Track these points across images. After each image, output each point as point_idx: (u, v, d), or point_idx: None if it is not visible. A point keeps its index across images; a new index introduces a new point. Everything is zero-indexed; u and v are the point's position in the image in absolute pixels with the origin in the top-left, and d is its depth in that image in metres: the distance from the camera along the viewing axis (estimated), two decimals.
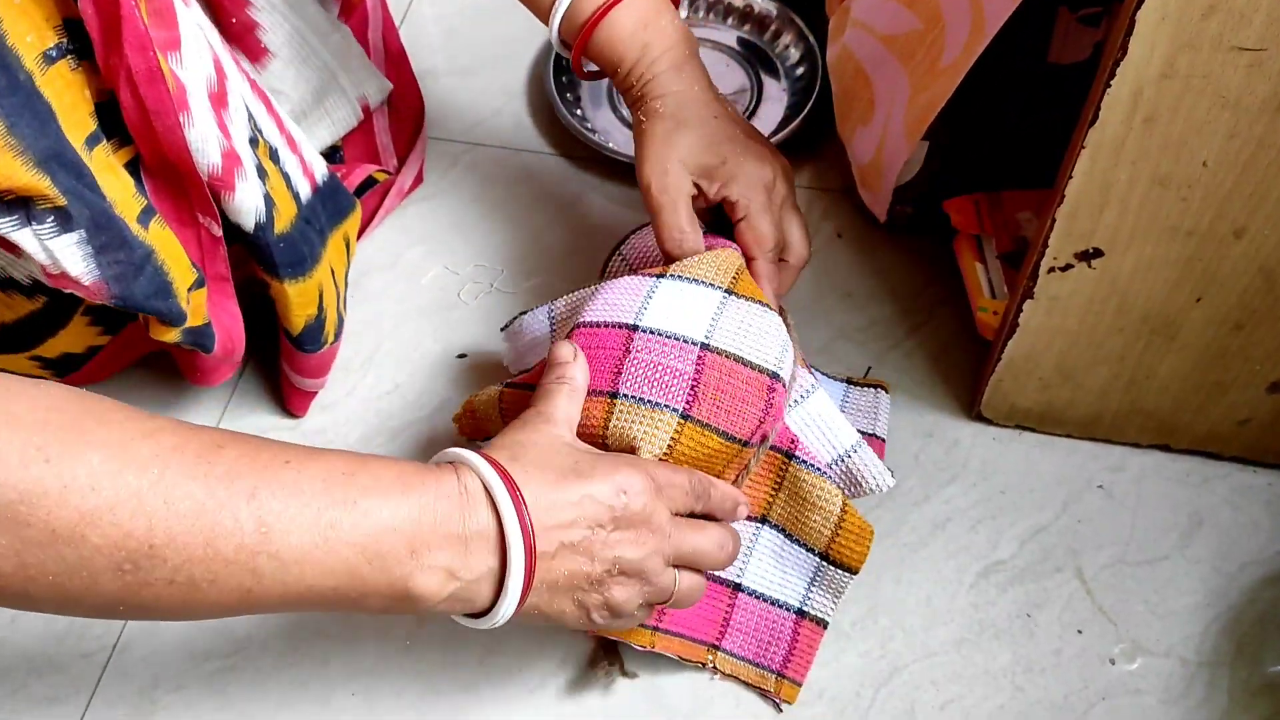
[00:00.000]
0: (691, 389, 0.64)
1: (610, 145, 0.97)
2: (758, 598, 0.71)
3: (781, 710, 0.71)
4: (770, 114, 1.00)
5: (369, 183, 0.90)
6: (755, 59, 1.04)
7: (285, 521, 0.50)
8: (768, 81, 1.02)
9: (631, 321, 0.66)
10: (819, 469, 0.68)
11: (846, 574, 0.70)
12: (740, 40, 1.05)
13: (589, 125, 1.00)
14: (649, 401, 0.63)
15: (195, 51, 0.62)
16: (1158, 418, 0.77)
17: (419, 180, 0.97)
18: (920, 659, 0.73)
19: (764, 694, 0.72)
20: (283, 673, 0.73)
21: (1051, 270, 0.68)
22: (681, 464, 0.63)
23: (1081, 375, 0.75)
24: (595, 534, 0.56)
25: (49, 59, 0.55)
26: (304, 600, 0.52)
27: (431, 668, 0.73)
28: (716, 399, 0.64)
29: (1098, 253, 0.66)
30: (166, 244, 0.60)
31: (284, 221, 0.70)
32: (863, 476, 0.69)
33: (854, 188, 0.90)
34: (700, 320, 0.66)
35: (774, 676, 0.71)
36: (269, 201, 0.68)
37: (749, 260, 0.72)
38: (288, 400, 0.84)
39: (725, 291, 0.68)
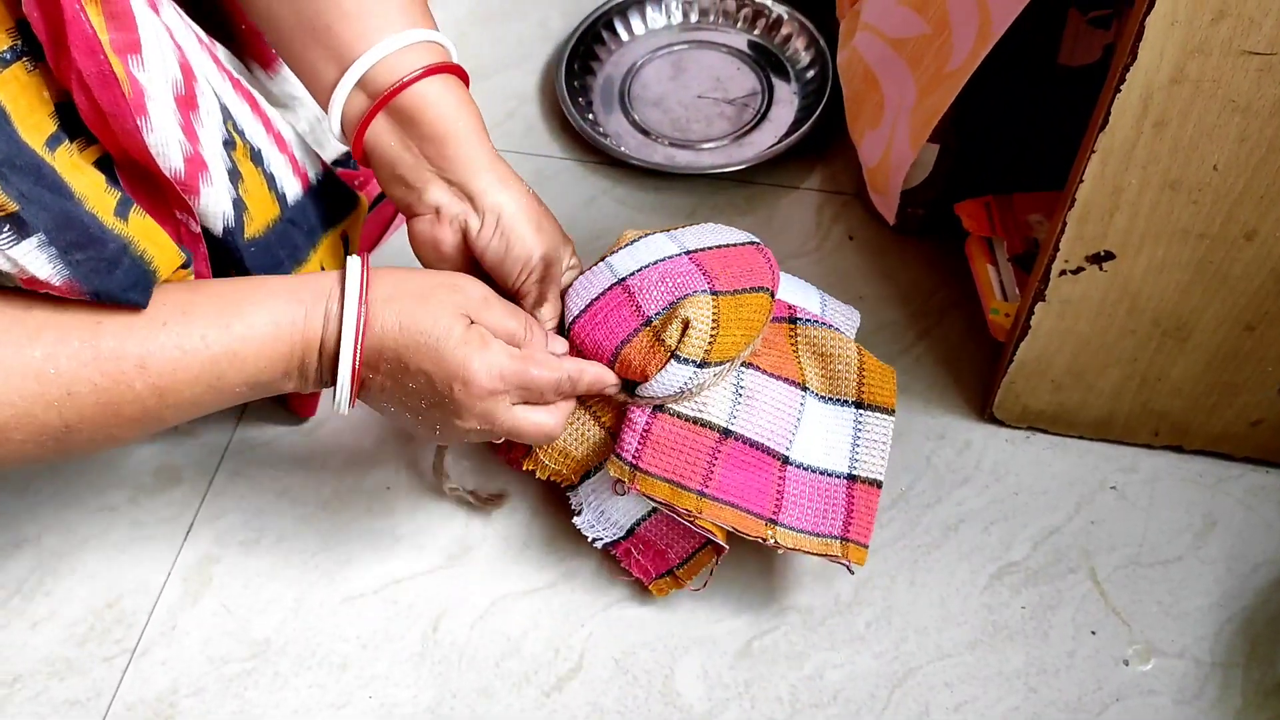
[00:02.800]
0: (705, 276, 0.68)
1: (622, 149, 0.98)
2: (807, 469, 0.72)
3: (853, 573, 0.72)
4: (781, 117, 1.00)
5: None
6: (766, 62, 1.04)
7: (177, 382, 0.59)
8: (779, 84, 1.02)
9: (615, 280, 0.70)
10: (823, 323, 0.72)
11: (883, 416, 0.73)
12: (751, 44, 1.05)
13: (601, 129, 1.00)
14: (678, 299, 0.67)
15: (158, 54, 0.61)
16: (1170, 419, 0.77)
17: (398, 202, 0.97)
18: (934, 660, 0.73)
19: (831, 559, 0.71)
20: (300, 676, 0.74)
21: (1063, 273, 0.68)
22: (733, 331, 0.67)
23: (1093, 377, 0.75)
24: (421, 403, 0.64)
25: (3, 62, 0.54)
26: (205, 414, 0.64)
27: (448, 670, 0.74)
28: (727, 272, 0.69)
29: (1109, 255, 0.66)
30: (148, 232, 0.59)
31: (257, 225, 0.70)
32: (845, 314, 0.77)
33: (865, 190, 0.90)
34: (666, 245, 0.71)
35: (838, 541, 0.71)
36: (239, 206, 0.68)
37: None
38: (292, 401, 0.84)
39: (664, 232, 0.73)
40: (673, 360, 0.66)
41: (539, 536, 0.79)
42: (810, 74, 1.02)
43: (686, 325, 0.66)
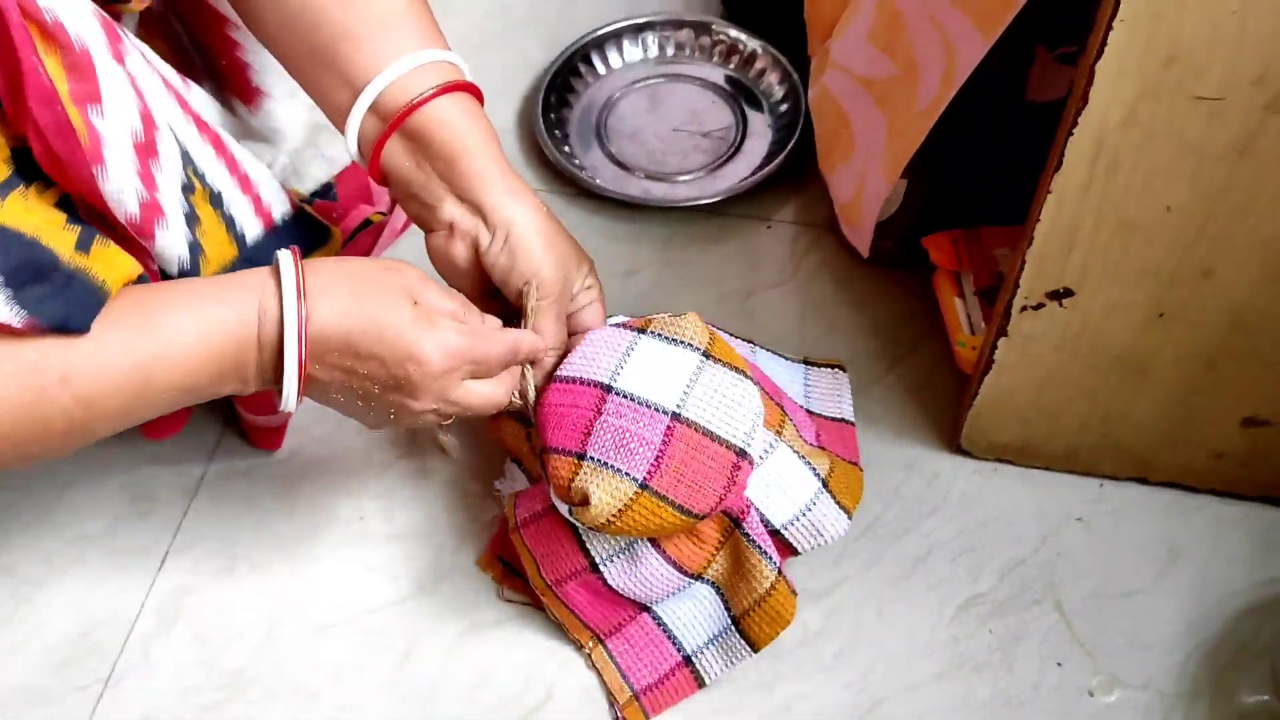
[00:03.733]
0: (655, 460, 0.65)
1: (598, 181, 0.99)
2: (659, 625, 0.73)
3: None
4: (755, 149, 1.01)
5: (365, 224, 0.91)
6: (741, 95, 1.05)
7: (103, 392, 0.58)
8: (753, 117, 1.04)
9: (606, 381, 0.68)
10: (759, 544, 0.69)
11: (747, 648, 0.72)
12: (727, 78, 1.07)
13: (577, 162, 1.01)
14: (612, 467, 0.65)
15: (118, 102, 0.61)
16: (1134, 452, 0.78)
17: (415, 217, 0.98)
18: (901, 691, 0.73)
19: (611, 702, 0.73)
20: (272, 706, 0.74)
21: (1024, 309, 0.69)
22: (632, 527, 0.66)
23: (1057, 411, 0.76)
24: (375, 388, 0.63)
25: None
26: (138, 423, 0.63)
27: (419, 701, 0.74)
28: (679, 473, 0.66)
29: (1068, 292, 0.67)
30: (110, 258, 0.60)
31: (213, 267, 0.70)
32: (822, 527, 0.71)
33: (837, 222, 0.91)
34: (675, 386, 0.68)
35: (630, 694, 0.73)
36: (195, 249, 0.68)
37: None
38: (253, 437, 0.85)
39: (703, 355, 0.69)
40: (567, 509, 0.67)
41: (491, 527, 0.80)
42: (784, 107, 1.03)
43: (586, 500, 0.65)
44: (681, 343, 0.69)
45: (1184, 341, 0.69)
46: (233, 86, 0.85)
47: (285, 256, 0.62)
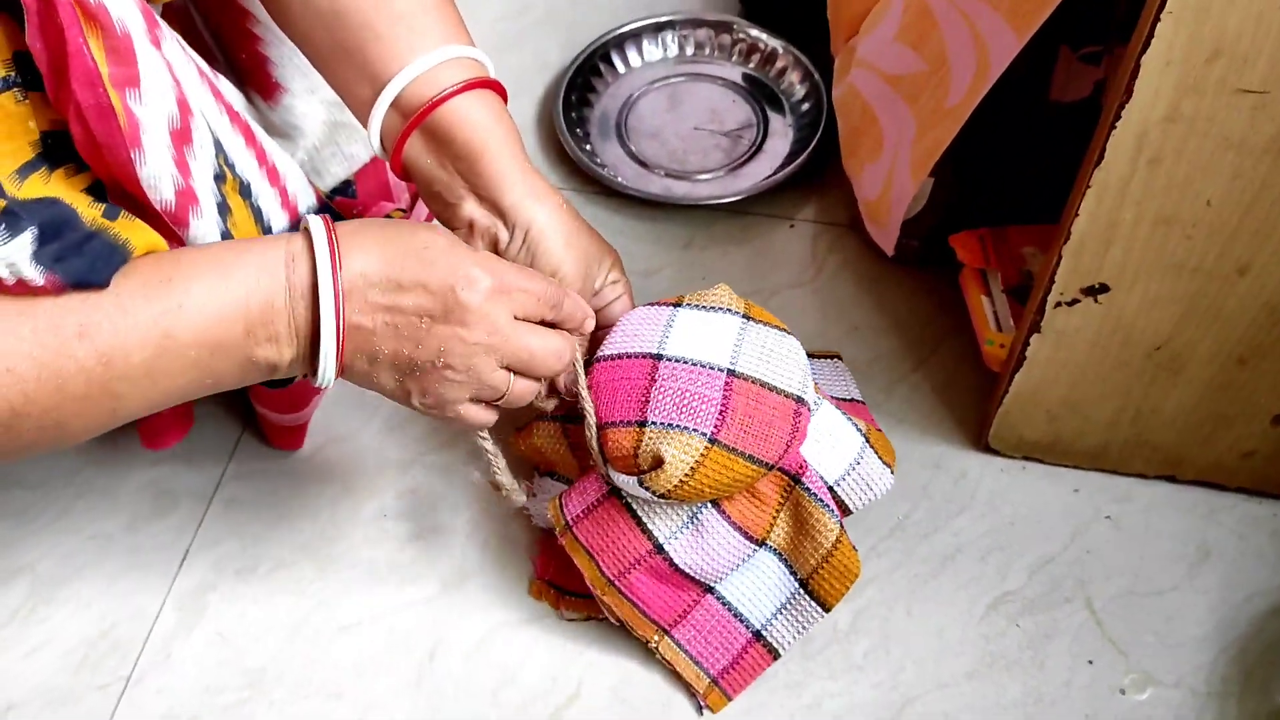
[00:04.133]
0: (720, 414, 0.65)
1: (619, 179, 0.98)
2: (724, 605, 0.72)
3: (702, 715, 0.72)
4: (776, 149, 1.01)
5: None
6: (761, 95, 1.05)
7: (121, 346, 0.55)
8: (773, 116, 1.04)
9: (655, 351, 0.68)
10: (820, 498, 0.69)
11: (818, 608, 0.71)
12: (746, 76, 1.07)
13: (598, 159, 1.01)
14: (678, 426, 0.65)
15: (156, 88, 0.60)
16: (1164, 450, 0.78)
17: (431, 216, 0.98)
18: (932, 690, 0.73)
19: (691, 693, 0.72)
20: (295, 705, 0.73)
21: (1058, 305, 0.69)
22: (705, 486, 0.65)
23: (1088, 408, 0.76)
24: (422, 322, 0.59)
25: None
26: (169, 400, 0.58)
27: (444, 700, 0.73)
28: (745, 424, 0.65)
29: (1104, 288, 0.67)
30: (136, 228, 0.58)
31: None
32: (871, 481, 0.71)
33: (860, 221, 0.91)
34: (723, 347, 0.68)
35: (708, 680, 0.72)
36: (227, 238, 0.67)
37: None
38: (273, 438, 0.84)
39: (743, 316, 0.70)
40: (635, 479, 0.66)
41: (531, 552, 0.79)
42: (805, 106, 1.03)
43: (660, 462, 0.64)
44: (719, 309, 0.70)
45: (1218, 338, 0.69)
46: (252, 80, 0.84)
47: (314, 217, 0.61)
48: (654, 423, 0.65)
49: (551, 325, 0.66)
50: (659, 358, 0.67)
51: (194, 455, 0.84)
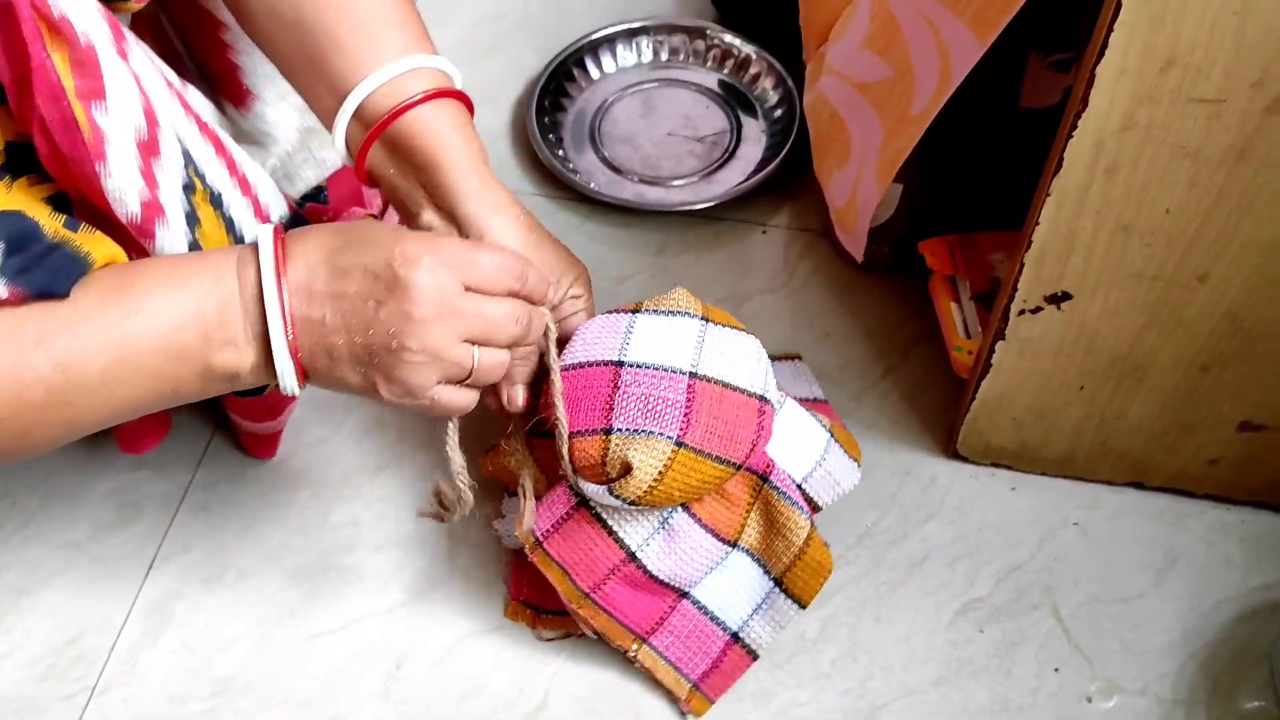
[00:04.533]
0: (685, 417, 0.65)
1: (592, 185, 0.98)
2: (700, 609, 0.72)
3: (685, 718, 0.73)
4: (749, 154, 1.01)
5: None
6: (735, 101, 1.05)
7: (78, 354, 0.55)
8: (747, 122, 1.04)
9: (616, 358, 0.67)
10: (789, 496, 0.69)
11: (794, 605, 0.71)
12: (720, 83, 1.07)
13: (571, 166, 1.01)
14: (643, 431, 0.65)
15: (122, 100, 0.60)
16: (1130, 457, 0.78)
17: (403, 222, 0.98)
18: (900, 698, 0.73)
19: (673, 700, 0.72)
20: (263, 714, 0.73)
21: (1022, 312, 0.69)
22: (675, 489, 0.65)
23: (1054, 415, 0.76)
24: (368, 304, 0.58)
25: None
26: (128, 411, 0.59)
27: (411, 709, 0.73)
28: (710, 425, 0.65)
29: (1066, 296, 0.67)
30: (98, 241, 0.58)
31: None
32: (838, 477, 0.71)
33: (832, 227, 0.91)
34: (684, 350, 0.68)
35: (689, 686, 0.72)
36: (195, 249, 0.67)
37: None
38: (248, 445, 0.84)
39: (701, 319, 0.70)
40: (605, 488, 0.66)
41: (504, 574, 0.79)
42: (778, 113, 1.03)
43: (629, 469, 0.64)
44: (677, 313, 0.70)
45: (1180, 345, 0.69)
46: (224, 89, 0.84)
47: (263, 226, 0.60)
48: (619, 429, 0.65)
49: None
50: (620, 364, 0.67)
51: (161, 462, 0.84)
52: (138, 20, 0.78)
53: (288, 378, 0.59)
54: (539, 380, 0.70)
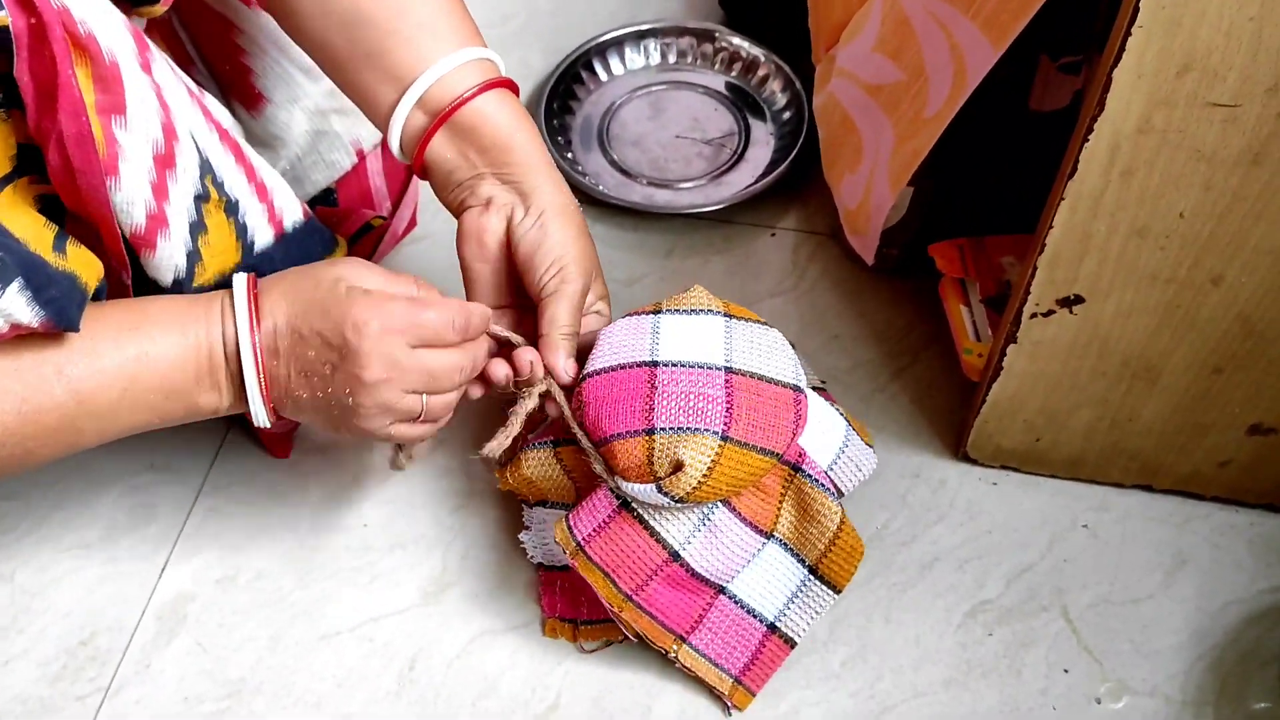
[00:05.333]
0: (727, 411, 0.66)
1: (601, 188, 0.99)
2: (737, 603, 0.73)
3: (730, 715, 0.73)
4: (758, 157, 1.01)
5: (365, 228, 0.91)
6: (743, 103, 1.06)
7: (95, 386, 0.61)
8: (755, 125, 1.04)
9: (649, 359, 0.68)
10: (821, 483, 0.70)
11: (830, 591, 0.72)
12: (729, 85, 1.07)
13: (580, 168, 1.01)
14: (689, 429, 0.66)
15: (142, 114, 0.62)
16: (1140, 459, 0.78)
17: (413, 224, 0.98)
18: (909, 699, 0.73)
19: (716, 695, 0.73)
20: (276, 715, 0.73)
21: (1034, 316, 0.69)
22: (722, 483, 0.66)
23: (1065, 417, 0.76)
24: (325, 367, 0.64)
25: None
26: (121, 435, 0.65)
27: (424, 710, 0.73)
28: (751, 418, 0.67)
29: (1079, 299, 0.68)
30: (83, 261, 0.61)
31: (209, 275, 0.70)
32: (859, 463, 0.73)
33: (840, 230, 0.92)
34: (715, 346, 0.69)
35: (731, 681, 0.72)
36: (193, 258, 0.68)
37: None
38: (265, 442, 0.84)
39: (724, 315, 0.71)
40: (653, 486, 0.66)
41: (517, 575, 0.79)
42: (786, 115, 1.03)
43: (679, 466, 0.65)
44: (699, 311, 0.71)
45: (1192, 348, 0.69)
46: (235, 91, 0.85)
47: (239, 278, 0.66)
48: (663, 429, 0.66)
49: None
50: (655, 364, 0.68)
51: (174, 464, 0.84)
52: (151, 25, 0.78)
53: (260, 417, 0.66)
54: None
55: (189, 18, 0.81)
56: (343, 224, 0.91)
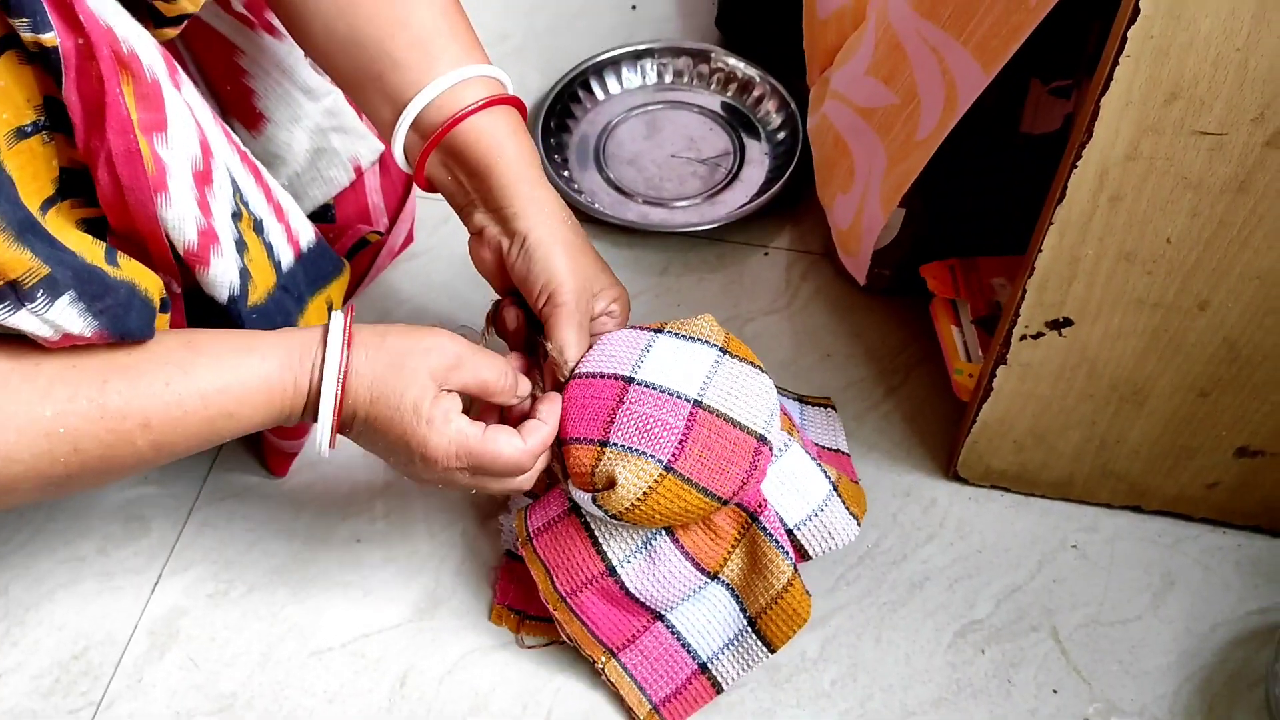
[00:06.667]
0: (679, 443, 0.66)
1: (596, 206, 0.99)
2: (673, 634, 0.73)
3: None
4: (752, 177, 1.02)
5: (361, 243, 0.91)
6: (738, 123, 1.06)
7: (176, 437, 0.62)
8: (750, 145, 1.05)
9: (627, 374, 0.69)
10: (776, 539, 0.69)
11: (764, 649, 0.71)
12: (724, 105, 1.08)
13: (575, 186, 1.02)
14: (636, 450, 0.66)
15: (181, 132, 0.63)
16: (1129, 480, 0.79)
17: (409, 240, 0.98)
18: (899, 718, 0.74)
19: (631, 717, 0.73)
20: None
21: (1024, 338, 0.70)
22: (656, 512, 0.66)
23: (1054, 438, 0.77)
24: (394, 456, 0.67)
25: (21, 134, 0.55)
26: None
27: None
28: (702, 456, 0.66)
29: (1068, 322, 0.68)
30: (138, 271, 0.61)
31: (259, 293, 0.71)
32: (833, 530, 0.71)
33: (834, 250, 0.92)
34: (694, 377, 0.69)
35: (649, 707, 0.73)
36: (245, 275, 0.69)
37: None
38: (268, 459, 0.85)
39: (720, 350, 0.71)
40: (590, 496, 0.67)
41: (491, 579, 0.79)
42: (781, 135, 1.04)
43: (613, 483, 0.65)
44: (698, 340, 0.71)
45: (1180, 371, 0.70)
46: (236, 111, 0.85)
47: (337, 320, 0.65)
48: (615, 444, 0.66)
49: None
50: (630, 380, 0.69)
51: (167, 479, 0.85)
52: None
53: (324, 452, 0.66)
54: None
55: (193, 40, 0.82)
56: (339, 240, 0.92)
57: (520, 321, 0.74)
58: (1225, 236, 0.61)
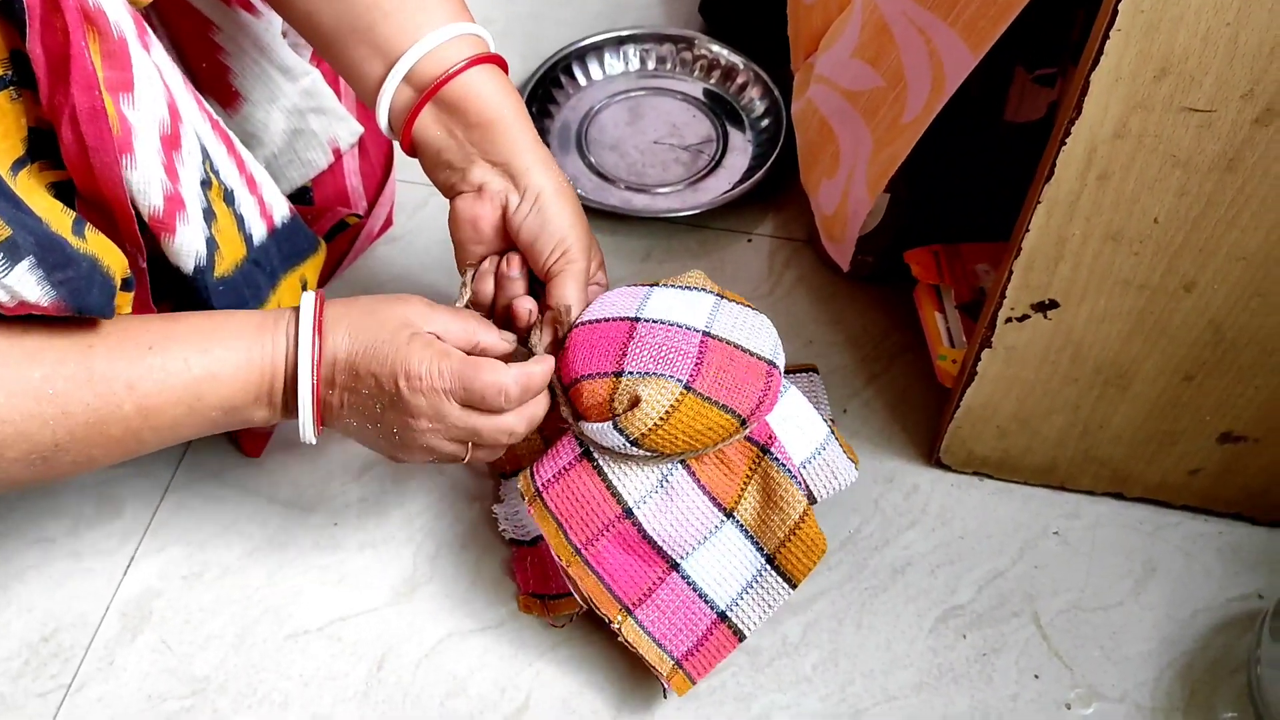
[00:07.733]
0: (695, 365, 0.67)
1: (579, 191, 0.98)
2: (689, 584, 0.72)
3: (666, 697, 0.72)
4: (735, 164, 1.02)
5: (340, 226, 0.90)
6: (721, 110, 1.06)
7: (160, 403, 0.62)
8: (733, 132, 1.04)
9: (633, 315, 0.69)
10: (789, 470, 0.69)
11: (785, 585, 0.71)
12: (707, 92, 1.07)
13: None
14: (654, 374, 0.66)
15: (149, 92, 0.62)
16: (1111, 466, 0.79)
17: (389, 223, 0.98)
18: (880, 703, 0.73)
19: (655, 672, 0.71)
20: (240, 715, 0.72)
21: (1009, 320, 0.70)
22: (679, 432, 0.66)
23: (1037, 423, 0.77)
24: (376, 406, 0.65)
25: None
26: (174, 443, 0.66)
27: (392, 710, 0.73)
28: (719, 376, 0.67)
29: (1053, 304, 0.68)
30: (104, 247, 0.60)
31: (226, 265, 0.70)
32: (835, 470, 0.72)
33: (817, 237, 0.92)
34: (699, 313, 0.70)
35: (671, 663, 0.71)
36: (211, 245, 0.68)
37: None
38: (242, 440, 0.84)
39: (717, 295, 0.72)
40: (610, 423, 0.66)
41: (487, 575, 0.79)
42: (764, 123, 1.04)
43: (636, 402, 0.66)
44: (694, 289, 0.72)
45: (1164, 354, 0.70)
46: (213, 90, 0.84)
47: (308, 296, 0.65)
48: (630, 372, 0.67)
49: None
50: (637, 320, 0.69)
51: (143, 459, 0.83)
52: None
53: (308, 436, 0.67)
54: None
55: (168, 15, 0.81)
56: (318, 221, 0.91)
57: (532, 315, 0.72)
58: (1213, 216, 0.61)
